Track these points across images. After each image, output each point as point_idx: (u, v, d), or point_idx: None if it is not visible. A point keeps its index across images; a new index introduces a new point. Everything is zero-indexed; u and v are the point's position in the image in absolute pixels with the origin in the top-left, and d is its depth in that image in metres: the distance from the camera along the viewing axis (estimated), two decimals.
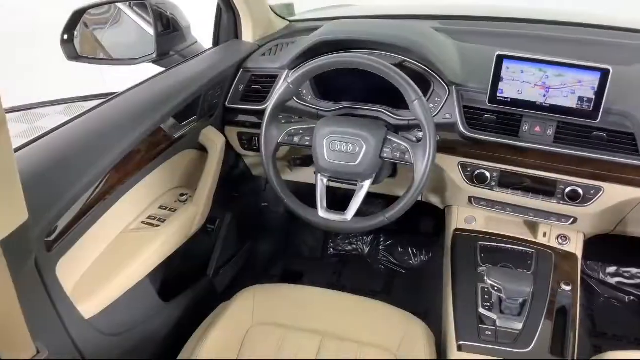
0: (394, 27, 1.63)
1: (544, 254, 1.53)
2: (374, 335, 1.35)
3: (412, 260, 2.34)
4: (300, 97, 1.57)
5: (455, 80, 1.45)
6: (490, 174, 1.49)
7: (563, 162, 1.39)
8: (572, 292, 1.42)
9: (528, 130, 1.40)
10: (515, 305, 1.32)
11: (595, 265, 2.22)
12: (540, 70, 1.34)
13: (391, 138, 1.35)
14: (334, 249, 2.42)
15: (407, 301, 2.07)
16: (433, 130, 1.28)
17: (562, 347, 1.30)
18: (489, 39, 1.70)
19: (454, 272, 1.51)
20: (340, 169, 1.36)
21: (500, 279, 1.30)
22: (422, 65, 1.48)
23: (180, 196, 1.53)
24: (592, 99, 1.31)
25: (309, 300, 1.47)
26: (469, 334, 1.33)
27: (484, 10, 2.00)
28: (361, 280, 2.25)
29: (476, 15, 1.90)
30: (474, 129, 1.43)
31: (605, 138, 1.34)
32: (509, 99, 1.39)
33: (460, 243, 1.60)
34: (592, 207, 1.43)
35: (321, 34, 1.53)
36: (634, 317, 2.07)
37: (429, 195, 1.76)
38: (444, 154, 1.51)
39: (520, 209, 1.53)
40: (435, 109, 1.46)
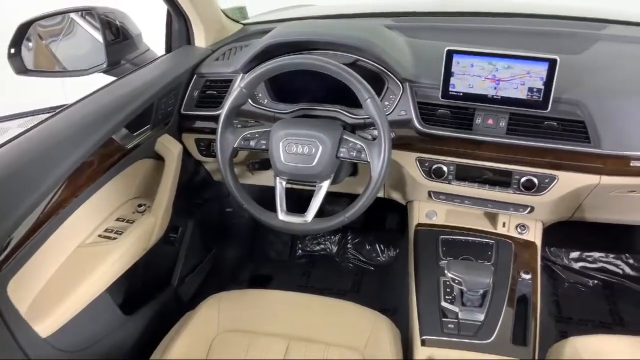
0: (346, 27, 1.63)
1: (503, 244, 1.55)
2: (341, 335, 1.35)
3: (380, 257, 2.35)
4: (256, 100, 1.56)
5: (408, 77, 1.46)
6: (447, 168, 1.50)
7: (517, 152, 1.41)
8: (532, 280, 1.44)
9: (481, 123, 1.41)
10: (477, 297, 1.34)
11: (558, 251, 2.26)
12: (489, 64, 1.36)
13: (347, 137, 1.35)
14: (302, 250, 2.42)
15: (376, 298, 2.10)
16: (387, 127, 1.29)
17: (524, 335, 1.32)
18: (440, 34, 1.71)
19: (416, 268, 1.52)
20: (298, 171, 1.36)
21: (461, 271, 1.31)
22: (376, 64, 1.49)
23: (138, 207, 1.51)
24: (542, 89, 1.33)
25: (275, 304, 1.47)
26: (432, 328, 1.34)
27: (435, 6, 2.01)
28: (330, 280, 2.25)
29: (428, 10, 1.92)
30: (429, 125, 1.44)
31: (556, 127, 1.37)
32: (461, 93, 1.40)
33: (421, 238, 1.61)
34: (547, 195, 1.45)
35: (272, 36, 1.52)
36: (599, 300, 2.11)
37: (390, 192, 1.77)
38: (401, 150, 1.52)
39: (479, 200, 1.55)
40: (390, 106, 1.47)
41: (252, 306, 1.45)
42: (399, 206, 1.82)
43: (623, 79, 1.43)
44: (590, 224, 1.73)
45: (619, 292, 2.14)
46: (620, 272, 2.21)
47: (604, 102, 1.36)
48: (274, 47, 1.50)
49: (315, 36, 1.51)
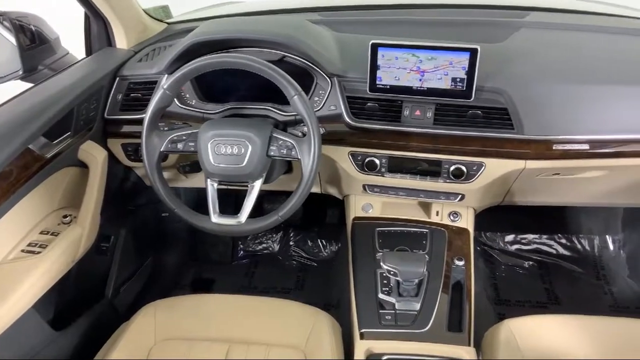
0: (271, 24, 1.61)
1: (437, 233, 1.58)
2: (282, 334, 1.34)
3: (323, 252, 2.35)
4: (184, 101, 1.53)
5: (336, 72, 1.46)
6: (380, 161, 1.51)
7: (444, 142, 1.43)
8: (466, 267, 1.47)
9: (409, 115, 1.43)
10: (412, 287, 1.36)
11: (494, 235, 2.33)
12: (413, 56, 1.37)
13: (277, 135, 1.34)
14: (245, 251, 2.39)
15: (320, 294, 2.10)
16: (316, 123, 1.28)
17: (460, 321, 1.34)
18: (366, 27, 1.72)
19: (354, 261, 1.52)
20: (228, 172, 1.33)
21: (395, 262, 1.32)
22: (303, 60, 1.48)
23: (64, 218, 1.45)
24: (465, 78, 1.36)
25: (214, 308, 1.44)
26: (370, 320, 1.35)
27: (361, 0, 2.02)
28: (273, 279, 2.24)
29: (353, 4, 1.92)
30: (359, 118, 1.45)
31: (480, 115, 1.40)
32: (388, 86, 1.41)
33: (358, 231, 1.62)
34: (476, 182, 1.48)
35: (195, 35, 1.49)
36: (534, 281, 2.19)
37: (327, 187, 1.76)
38: (334, 145, 1.52)
39: (412, 191, 1.57)
40: (320, 101, 1.47)
41: (190, 312, 1.42)
42: (339, 200, 1.82)
43: (543, 65, 1.47)
44: (522, 207, 1.78)
45: (554, 272, 2.22)
46: (554, 252, 2.30)
47: (525, 89, 1.39)
48: (197, 46, 1.47)
49: (239, 34, 1.48)
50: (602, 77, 1.43)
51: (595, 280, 2.17)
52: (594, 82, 1.41)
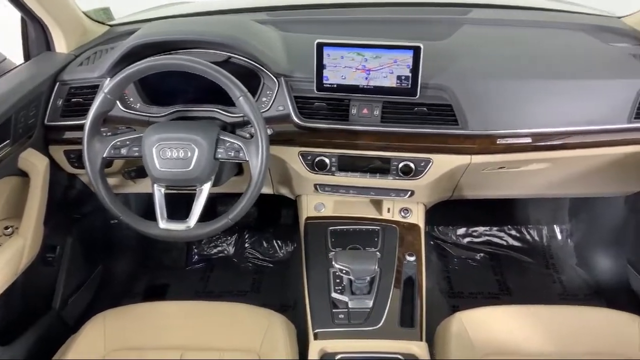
0: (215, 24, 1.59)
1: (389, 229, 1.59)
2: (236, 338, 1.33)
3: (279, 253, 2.35)
4: (128, 105, 1.49)
5: (282, 72, 1.45)
6: (330, 160, 1.51)
7: (392, 139, 1.45)
8: (417, 262, 1.49)
9: (357, 114, 1.43)
10: (365, 284, 1.36)
11: (447, 229, 2.37)
12: (358, 54, 1.38)
13: (224, 137, 1.32)
14: (199, 255, 2.36)
15: (277, 295, 2.09)
16: (263, 124, 1.27)
17: (412, 317, 1.36)
18: (313, 26, 1.73)
19: (307, 261, 1.52)
20: (175, 176, 1.31)
21: (347, 261, 1.33)
22: (249, 60, 1.46)
23: (5, 229, 1.39)
24: (409, 76, 1.37)
25: (166, 315, 1.41)
26: (324, 320, 1.35)
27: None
28: (229, 283, 2.21)
29: (300, 4, 1.92)
30: (307, 118, 1.45)
31: (426, 112, 1.42)
32: (335, 85, 1.41)
33: (311, 231, 1.62)
34: (425, 178, 1.50)
35: (137, 37, 1.45)
36: (486, 272, 2.23)
37: (278, 188, 1.76)
38: (283, 145, 1.51)
39: (363, 189, 1.58)
40: (268, 102, 1.46)
41: (141, 321, 1.39)
42: (293, 200, 1.82)
43: (486, 61, 1.50)
44: (473, 201, 1.82)
45: (505, 263, 2.27)
46: (504, 244, 2.35)
47: (469, 85, 1.42)
48: (139, 49, 1.43)
49: (182, 35, 1.46)
50: (543, 72, 1.47)
51: (544, 270, 2.23)
52: (535, 77, 1.45)
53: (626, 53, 1.54)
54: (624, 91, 1.43)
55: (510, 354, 1.28)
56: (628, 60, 1.51)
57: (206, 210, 1.34)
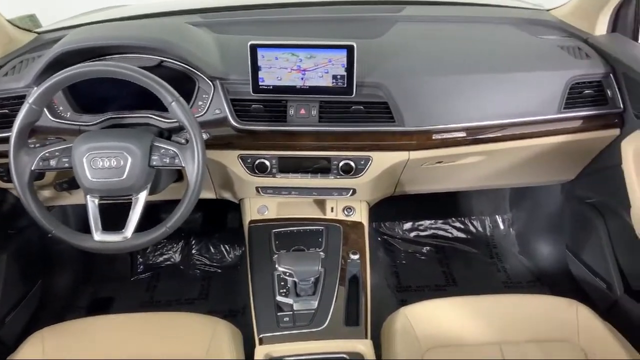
0: (146, 28, 1.56)
1: (333, 229, 1.59)
2: (181, 349, 1.30)
3: (227, 258, 2.32)
4: (57, 114, 1.43)
5: (217, 75, 1.43)
6: (270, 162, 1.50)
7: (331, 139, 1.45)
8: (361, 260, 1.49)
9: (294, 114, 1.43)
10: (309, 286, 1.36)
11: (393, 225, 2.40)
12: (292, 55, 1.37)
13: (158, 144, 1.29)
14: (144, 265, 2.30)
15: (225, 301, 2.07)
16: (197, 129, 1.24)
17: (357, 315, 1.36)
18: (248, 27, 1.71)
19: (251, 265, 1.51)
20: (108, 186, 1.27)
21: (290, 263, 1.32)
22: (182, 64, 1.43)
23: None
24: (345, 75, 1.37)
25: (108, 330, 1.37)
26: (268, 324, 1.34)
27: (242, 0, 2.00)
28: (177, 291, 2.17)
29: (235, 5, 1.89)
30: (245, 121, 1.43)
31: (363, 110, 1.42)
32: (271, 87, 1.40)
33: (255, 234, 1.60)
34: (365, 176, 1.51)
35: (64, 43, 1.40)
36: (433, 265, 2.27)
37: (221, 192, 1.73)
38: (222, 149, 1.49)
39: (305, 190, 1.57)
40: (204, 105, 1.43)
41: (82, 337, 1.34)
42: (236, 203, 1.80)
43: (419, 58, 1.52)
44: (418, 195, 1.84)
45: (450, 254, 2.32)
46: (449, 236, 2.40)
47: (403, 82, 1.44)
48: (66, 56, 1.38)
49: (109, 40, 1.41)
50: (474, 66, 1.49)
51: (489, 259, 2.29)
52: (467, 72, 1.48)
53: (554, 45, 1.59)
54: (553, 82, 1.48)
55: (454, 345, 1.30)
56: (556, 52, 1.56)
57: (149, 218, 1.31)
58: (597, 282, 1.78)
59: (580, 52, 1.55)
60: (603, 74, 1.50)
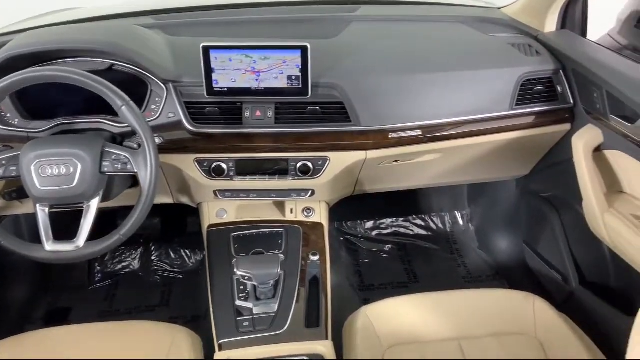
0: (96, 31, 1.52)
1: (292, 230, 1.58)
2: (140, 358, 1.27)
3: (188, 263, 2.28)
4: (5, 122, 1.39)
5: (170, 78, 1.41)
6: (227, 165, 1.49)
7: (288, 140, 1.44)
8: (321, 261, 1.49)
9: (250, 116, 1.42)
10: (269, 289, 1.34)
11: (355, 224, 2.40)
12: (246, 56, 1.36)
13: (109, 150, 1.26)
14: (103, 273, 2.25)
15: (187, 306, 2.04)
16: (149, 133, 1.22)
17: (318, 316, 1.36)
18: (202, 29, 1.69)
19: (210, 270, 1.49)
20: (58, 194, 1.23)
21: (249, 267, 1.30)
22: (133, 67, 1.40)
23: None
24: (300, 76, 1.37)
25: (64, 342, 1.33)
26: (228, 330, 1.32)
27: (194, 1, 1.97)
28: (137, 299, 2.13)
29: (188, 6, 1.87)
30: (200, 124, 1.41)
31: (319, 111, 1.42)
32: (226, 89, 1.39)
33: (214, 238, 1.58)
34: (323, 176, 1.51)
35: (10, 48, 1.35)
36: (395, 262, 2.28)
37: (178, 197, 1.70)
38: (177, 153, 1.47)
39: (263, 192, 1.56)
40: (157, 109, 1.41)
41: (38, 350, 1.30)
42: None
43: (374, 57, 1.53)
44: (379, 194, 1.84)
45: (412, 252, 2.34)
46: (411, 233, 2.42)
47: (358, 82, 1.44)
48: (13, 61, 1.33)
49: (56, 44, 1.37)
50: (428, 65, 1.51)
51: (449, 255, 2.32)
52: (421, 71, 1.49)
53: (505, 43, 1.62)
54: (504, 79, 1.50)
55: (414, 342, 1.31)
56: (507, 50, 1.59)
57: (107, 225, 1.28)
58: (553, 275, 1.82)
59: (531, 49, 1.58)
60: (553, 71, 1.53)
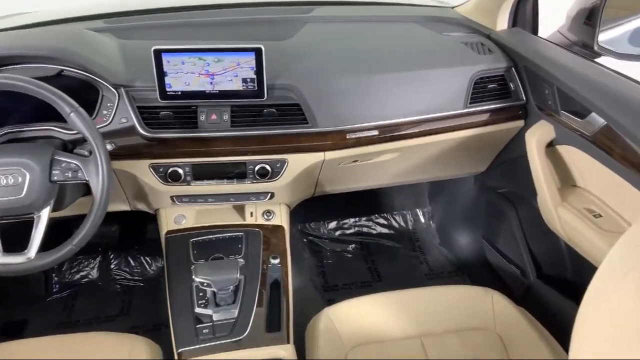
0: (44, 36, 1.48)
1: (253, 234, 1.57)
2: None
3: (149, 270, 2.24)
4: None
5: (121, 82, 1.38)
6: (183, 170, 1.46)
7: (245, 143, 1.43)
8: (282, 264, 1.48)
9: (205, 120, 1.39)
10: (229, 294, 1.33)
11: (319, 225, 2.40)
12: (199, 59, 1.34)
13: (59, 158, 1.22)
14: (60, 283, 2.19)
15: (148, 315, 2.00)
16: (100, 140, 1.19)
17: (279, 320, 1.35)
18: (154, 32, 1.66)
19: (169, 277, 1.46)
20: (6, 205, 1.19)
21: (207, 273, 1.28)
22: (83, 72, 1.37)
23: None
24: (255, 78, 1.35)
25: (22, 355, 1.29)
26: (187, 338, 1.29)
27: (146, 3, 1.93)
28: (96, 309, 2.07)
29: (140, 9, 1.83)
30: (154, 129, 1.38)
31: (276, 113, 1.41)
32: (180, 92, 1.36)
33: (172, 245, 1.55)
34: (282, 179, 1.50)
35: None
36: (358, 262, 2.29)
37: (135, 203, 1.67)
38: (132, 159, 1.43)
39: (222, 196, 1.54)
40: (109, 115, 1.37)
41: None
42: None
43: (329, 58, 1.53)
44: (340, 194, 1.84)
45: (375, 251, 2.35)
46: (373, 232, 2.43)
47: (314, 83, 1.43)
48: None
49: (1, 51, 1.33)
50: (384, 66, 1.51)
51: (412, 253, 2.34)
52: (377, 71, 1.49)
53: (458, 42, 1.64)
54: (458, 78, 1.52)
55: (377, 341, 1.31)
56: (461, 49, 1.61)
57: (62, 235, 1.25)
58: (512, 269, 1.85)
59: (483, 47, 1.60)
60: (505, 68, 1.56)
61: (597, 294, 0.45)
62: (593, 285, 0.45)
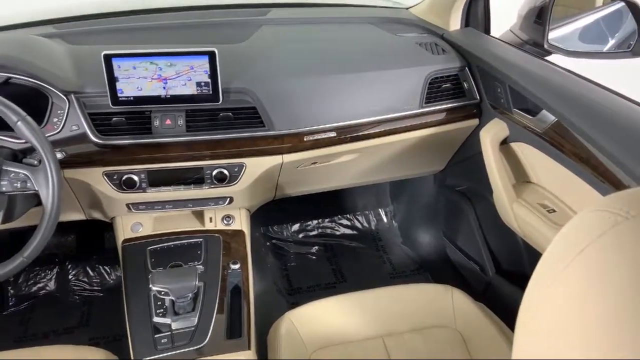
0: None
1: (212, 240, 1.54)
2: None
3: (108, 280, 2.19)
4: None
5: (71, 89, 1.34)
6: (139, 177, 1.43)
7: (201, 148, 1.41)
8: (242, 269, 1.46)
9: (160, 125, 1.37)
10: (188, 302, 1.30)
11: (281, 228, 2.38)
12: (151, 64, 1.32)
13: (7, 168, 1.18)
14: (16, 296, 2.12)
15: (108, 326, 1.96)
16: (49, 148, 1.15)
17: (240, 326, 1.33)
18: (106, 37, 1.62)
19: (126, 287, 1.43)
20: None
21: (165, 282, 1.26)
22: (31, 79, 1.33)
23: None
24: (209, 82, 1.34)
25: None
26: (145, 348, 1.27)
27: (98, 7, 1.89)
28: (54, 321, 2.01)
29: (90, 13, 1.79)
30: (106, 135, 1.35)
31: (232, 117, 1.39)
32: (132, 98, 1.34)
33: (129, 254, 1.52)
34: (241, 183, 1.48)
35: None
36: (322, 263, 2.29)
37: (90, 212, 1.63)
38: (84, 167, 1.40)
39: (179, 202, 1.52)
40: (59, 122, 1.34)
41: None
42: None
43: (285, 61, 1.52)
44: (302, 196, 1.84)
45: (338, 252, 2.35)
46: (337, 233, 2.43)
47: (270, 85, 1.43)
48: None
49: None
50: (339, 67, 1.51)
51: (375, 252, 2.34)
52: (332, 72, 1.49)
53: (412, 42, 1.65)
54: (413, 79, 1.53)
55: (339, 343, 1.31)
56: (415, 49, 1.62)
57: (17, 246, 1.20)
58: (472, 266, 1.88)
59: (437, 47, 1.62)
60: (459, 68, 1.58)
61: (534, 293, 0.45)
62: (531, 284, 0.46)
